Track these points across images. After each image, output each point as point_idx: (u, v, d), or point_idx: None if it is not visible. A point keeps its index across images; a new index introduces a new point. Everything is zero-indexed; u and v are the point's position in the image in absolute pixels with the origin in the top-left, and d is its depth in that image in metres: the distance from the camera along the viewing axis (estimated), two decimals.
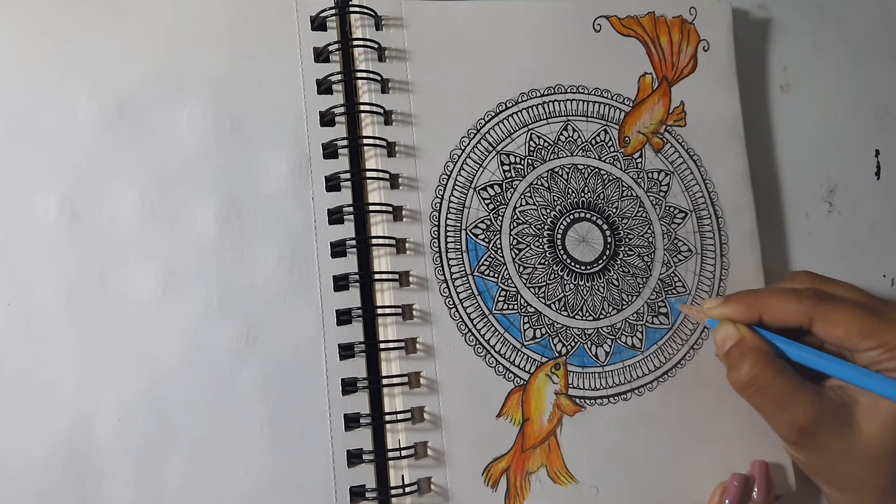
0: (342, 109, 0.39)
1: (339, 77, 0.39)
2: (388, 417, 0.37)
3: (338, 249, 0.39)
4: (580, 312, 0.41)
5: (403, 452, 0.37)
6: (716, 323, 0.40)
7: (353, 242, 0.39)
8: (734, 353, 0.38)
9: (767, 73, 0.50)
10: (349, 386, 0.38)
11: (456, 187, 0.41)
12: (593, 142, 0.43)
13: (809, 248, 0.37)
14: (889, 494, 0.37)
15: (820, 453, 0.37)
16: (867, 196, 0.51)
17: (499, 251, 0.41)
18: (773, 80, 0.50)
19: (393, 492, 0.37)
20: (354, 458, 0.37)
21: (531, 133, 0.42)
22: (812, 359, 0.38)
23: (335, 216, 0.39)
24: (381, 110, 0.39)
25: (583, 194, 0.42)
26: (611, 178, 0.43)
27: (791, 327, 0.38)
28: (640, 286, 0.43)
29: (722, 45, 0.46)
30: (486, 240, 0.41)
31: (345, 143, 0.39)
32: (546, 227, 0.42)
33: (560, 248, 0.42)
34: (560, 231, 0.42)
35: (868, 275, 0.50)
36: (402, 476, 0.37)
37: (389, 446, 0.38)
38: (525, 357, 0.40)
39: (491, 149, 0.41)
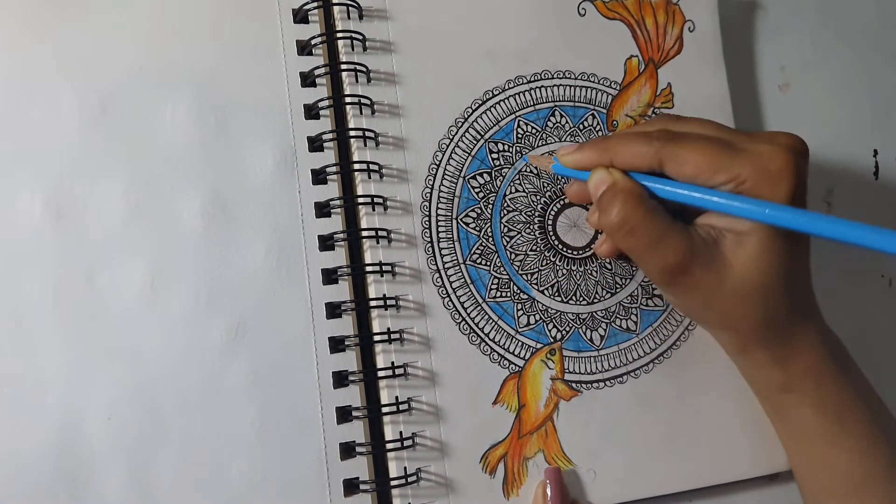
0: (328, 102, 0.39)
1: (323, 70, 0.39)
2: (384, 410, 0.37)
3: (327, 243, 0.38)
4: (574, 297, 0.41)
5: (399, 444, 0.37)
6: (561, 170, 0.39)
7: (342, 235, 0.38)
8: (605, 197, 0.36)
9: (766, 73, 0.50)
10: (340, 379, 0.37)
11: (445, 177, 0.40)
12: (581, 127, 0.43)
13: None
14: (763, 329, 0.36)
15: (693, 292, 0.36)
16: (865, 196, 0.50)
17: (490, 239, 0.40)
18: (772, 80, 0.50)
19: (394, 483, 0.36)
20: (348, 450, 0.37)
21: (518, 120, 0.42)
22: (678, 192, 0.36)
23: (323, 209, 0.38)
24: (367, 101, 0.39)
25: None
26: None
27: (642, 170, 0.36)
28: (634, 269, 0.42)
29: (707, 24, 0.45)
30: (478, 228, 0.40)
31: (331, 135, 0.39)
32: (537, 213, 0.41)
33: (551, 233, 0.41)
34: (551, 217, 0.41)
35: (866, 275, 0.49)
36: (404, 467, 0.37)
37: (387, 438, 0.37)
38: (519, 344, 0.40)
39: (479, 137, 0.41)
